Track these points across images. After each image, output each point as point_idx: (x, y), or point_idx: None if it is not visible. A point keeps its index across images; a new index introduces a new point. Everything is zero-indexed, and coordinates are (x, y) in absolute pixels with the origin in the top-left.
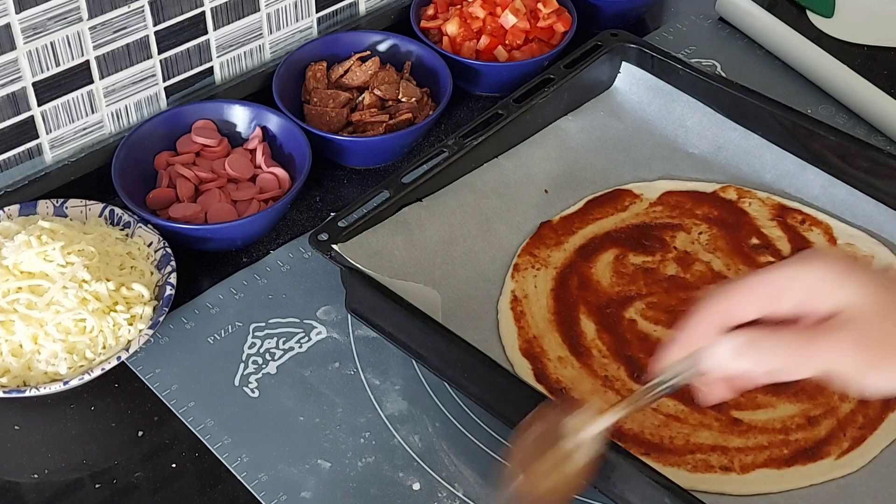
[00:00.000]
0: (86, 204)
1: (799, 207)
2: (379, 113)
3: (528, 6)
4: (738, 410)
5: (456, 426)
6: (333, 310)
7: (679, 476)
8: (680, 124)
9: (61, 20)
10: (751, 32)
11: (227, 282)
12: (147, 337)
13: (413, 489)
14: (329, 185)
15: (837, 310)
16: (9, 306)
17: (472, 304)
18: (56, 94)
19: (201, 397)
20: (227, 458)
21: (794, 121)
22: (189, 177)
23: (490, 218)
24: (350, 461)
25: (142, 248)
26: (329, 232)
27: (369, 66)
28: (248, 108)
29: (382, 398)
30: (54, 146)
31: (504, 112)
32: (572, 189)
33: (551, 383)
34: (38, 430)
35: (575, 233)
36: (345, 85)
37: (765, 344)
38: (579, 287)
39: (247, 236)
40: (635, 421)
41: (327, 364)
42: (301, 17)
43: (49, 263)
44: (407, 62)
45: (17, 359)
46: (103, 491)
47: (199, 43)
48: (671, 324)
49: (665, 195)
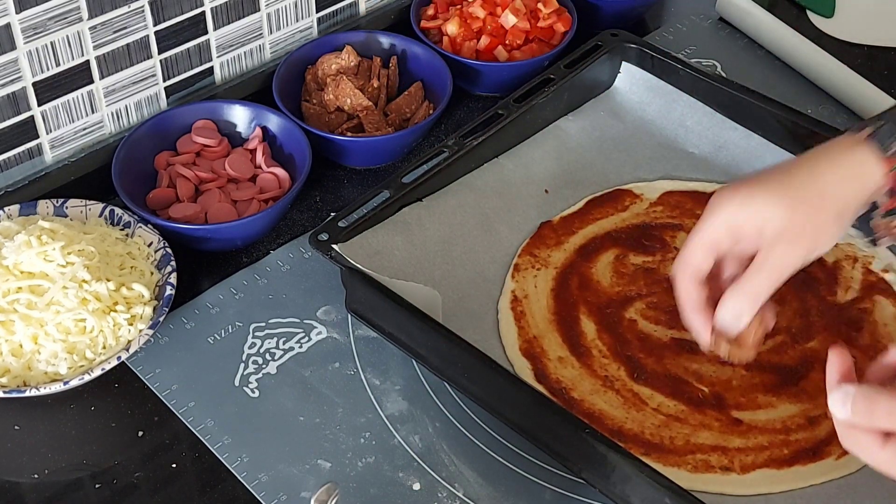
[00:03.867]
0: (86, 204)
1: None
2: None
3: (529, 6)
4: (739, 410)
5: (456, 426)
6: (333, 310)
7: (679, 476)
8: (680, 124)
9: (61, 20)
10: (751, 32)
11: (227, 282)
12: (147, 337)
13: (413, 489)
14: (329, 185)
15: (762, 227)
16: (9, 306)
17: (472, 304)
18: (56, 94)
19: (201, 397)
20: (227, 458)
21: (794, 121)
22: (189, 177)
23: (490, 218)
24: (350, 461)
25: (142, 248)
26: (329, 232)
27: (343, 56)
28: (248, 108)
29: (382, 398)
30: (54, 146)
31: (504, 112)
32: (572, 189)
33: (551, 383)
34: (38, 430)
35: (575, 233)
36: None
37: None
38: (579, 287)
39: (247, 236)
40: (635, 421)
41: (327, 364)
42: (301, 17)
43: (49, 263)
44: (393, 57)
45: (18, 359)
46: (103, 491)
47: (199, 43)
48: (671, 324)
49: (665, 195)
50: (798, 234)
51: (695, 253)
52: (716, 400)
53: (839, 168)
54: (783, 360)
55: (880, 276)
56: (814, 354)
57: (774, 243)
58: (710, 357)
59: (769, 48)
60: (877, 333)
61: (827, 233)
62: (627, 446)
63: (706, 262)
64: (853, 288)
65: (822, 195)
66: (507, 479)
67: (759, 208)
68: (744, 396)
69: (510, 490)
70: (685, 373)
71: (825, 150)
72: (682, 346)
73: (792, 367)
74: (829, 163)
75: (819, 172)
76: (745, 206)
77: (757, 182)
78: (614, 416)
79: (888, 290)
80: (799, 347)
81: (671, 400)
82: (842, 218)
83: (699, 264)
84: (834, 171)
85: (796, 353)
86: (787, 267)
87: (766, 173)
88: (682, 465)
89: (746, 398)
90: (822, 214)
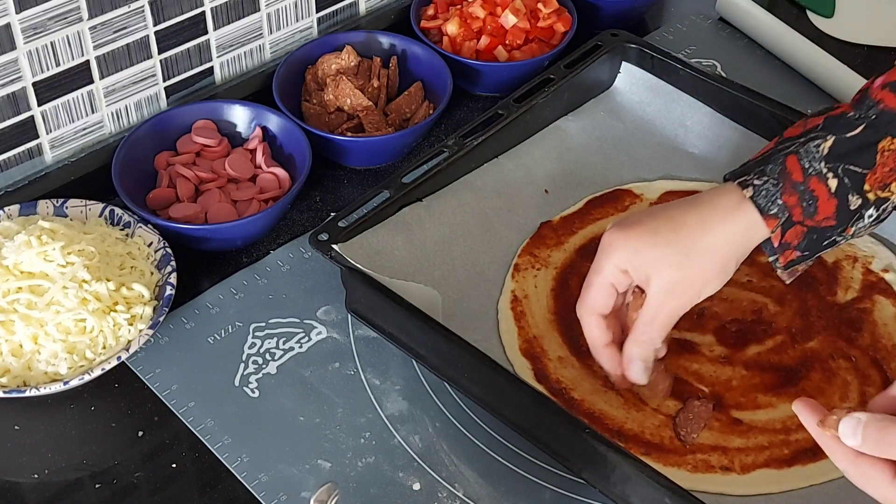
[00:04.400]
0: (86, 204)
1: None
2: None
3: (529, 6)
4: (739, 410)
5: (456, 426)
6: (333, 310)
7: (679, 476)
8: (680, 124)
9: (61, 20)
10: (751, 32)
11: (227, 282)
12: (147, 337)
13: (413, 489)
14: (329, 185)
15: (650, 277)
16: (9, 306)
17: (472, 304)
18: (56, 94)
19: (201, 397)
20: (227, 458)
21: (793, 121)
22: (189, 177)
23: (490, 218)
24: (350, 461)
25: (142, 248)
26: (329, 232)
27: (343, 56)
28: (248, 108)
29: (382, 398)
30: (54, 146)
31: (504, 112)
32: (572, 189)
33: (551, 383)
34: (38, 430)
35: (575, 233)
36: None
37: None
38: (580, 287)
39: (247, 236)
40: (635, 421)
41: (327, 364)
42: (301, 17)
43: (49, 263)
44: (393, 57)
45: (18, 359)
46: (103, 491)
47: (199, 43)
48: None
49: (665, 195)
50: (684, 289)
51: (596, 295)
52: (716, 400)
53: (728, 225)
54: (783, 360)
55: (880, 275)
56: (814, 354)
57: (662, 296)
58: (709, 357)
59: (769, 48)
60: (877, 333)
61: (711, 284)
62: (627, 446)
63: (607, 301)
64: (853, 288)
65: (711, 251)
66: (507, 479)
67: (649, 260)
68: (744, 396)
69: (510, 490)
70: (685, 373)
71: (713, 203)
72: (682, 346)
73: (792, 367)
74: (718, 220)
75: (709, 228)
76: (635, 254)
77: (647, 231)
78: (614, 416)
79: (888, 290)
80: (799, 347)
81: (671, 400)
82: (725, 270)
83: (601, 305)
84: (723, 229)
85: (796, 353)
86: (673, 316)
87: (656, 218)
88: (682, 465)
89: (746, 398)
90: (708, 269)
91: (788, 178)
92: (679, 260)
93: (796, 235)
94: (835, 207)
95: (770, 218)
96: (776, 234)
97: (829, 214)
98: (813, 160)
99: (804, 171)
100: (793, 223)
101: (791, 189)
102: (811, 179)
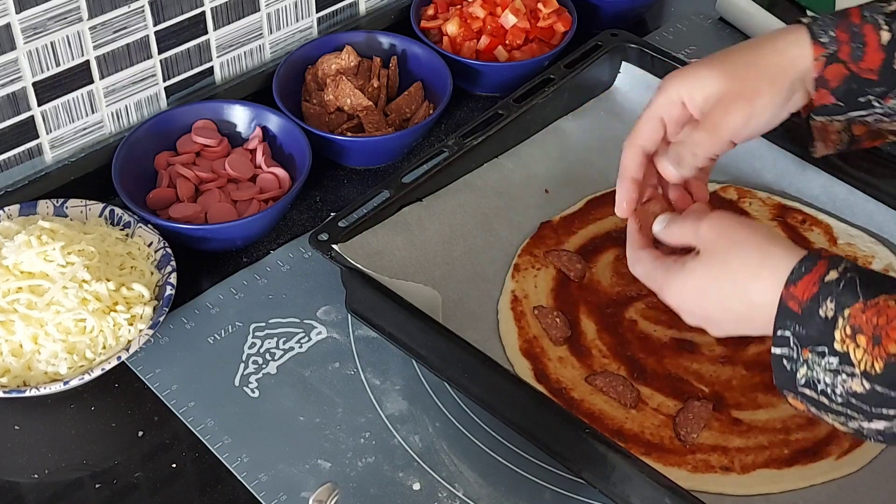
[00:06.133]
0: (86, 204)
1: (799, 207)
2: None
3: (529, 6)
4: (739, 410)
5: (456, 426)
6: (333, 310)
7: (679, 476)
8: None
9: (61, 20)
10: (751, 32)
11: (227, 282)
12: (147, 337)
13: (413, 489)
14: (329, 185)
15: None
16: (9, 306)
17: (472, 304)
18: (56, 94)
19: (201, 397)
20: (227, 458)
21: (794, 121)
22: (189, 177)
23: (490, 218)
24: (350, 461)
25: (142, 248)
26: (329, 232)
27: (343, 56)
28: (248, 108)
29: (382, 398)
30: (54, 146)
31: (504, 112)
32: (572, 189)
33: (551, 383)
34: (38, 430)
35: (575, 233)
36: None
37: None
38: (579, 287)
39: (247, 236)
40: (635, 421)
41: (327, 364)
42: (301, 17)
43: (49, 263)
44: (393, 57)
45: (18, 359)
46: (103, 491)
47: (199, 43)
48: (671, 324)
49: None
50: (734, 97)
51: (644, 125)
52: (716, 400)
53: (775, 43)
54: None
55: None
56: None
57: (714, 107)
58: (709, 357)
59: None
60: None
61: (762, 95)
62: (627, 446)
63: (654, 133)
64: None
65: (757, 63)
66: (507, 479)
67: (700, 79)
68: (744, 396)
69: (510, 490)
70: (685, 373)
71: (768, 33)
72: (682, 346)
73: None
74: (766, 39)
75: (756, 45)
76: (687, 80)
77: (701, 61)
78: (614, 416)
79: None
80: None
81: (671, 400)
82: (776, 83)
83: (647, 135)
84: (773, 44)
85: None
86: (725, 126)
87: (712, 55)
88: (682, 465)
89: (746, 398)
90: (756, 78)
91: (846, 18)
92: (728, 70)
93: (836, 76)
94: (881, 62)
95: (818, 45)
96: (818, 63)
97: (873, 67)
98: (874, 11)
99: (863, 17)
100: (837, 59)
101: (845, 27)
102: (866, 25)
